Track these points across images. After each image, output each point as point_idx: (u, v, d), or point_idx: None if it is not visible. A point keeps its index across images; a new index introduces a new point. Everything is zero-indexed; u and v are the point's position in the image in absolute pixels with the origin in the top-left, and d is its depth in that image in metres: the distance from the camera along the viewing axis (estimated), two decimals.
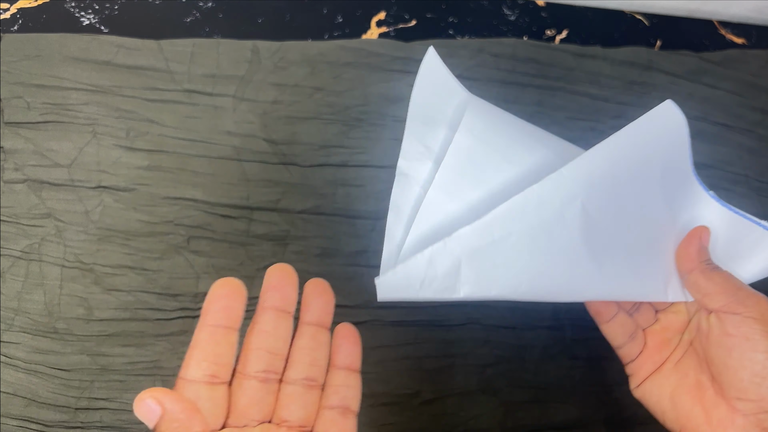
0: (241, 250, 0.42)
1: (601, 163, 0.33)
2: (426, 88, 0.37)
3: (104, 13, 0.46)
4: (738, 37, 0.55)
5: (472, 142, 0.35)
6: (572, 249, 0.33)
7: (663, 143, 0.35)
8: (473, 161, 0.34)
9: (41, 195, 0.41)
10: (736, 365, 0.31)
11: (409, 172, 0.35)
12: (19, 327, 0.39)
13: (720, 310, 0.32)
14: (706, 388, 0.33)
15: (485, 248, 0.31)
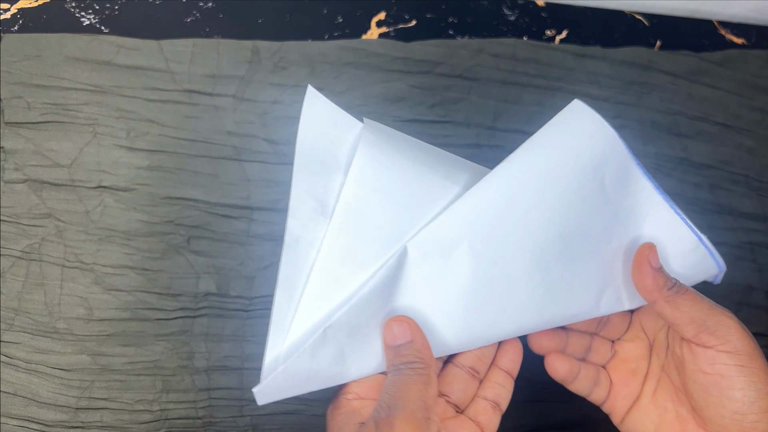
0: (241, 250, 0.42)
1: (496, 190, 0.32)
2: (311, 132, 0.33)
3: (104, 13, 0.46)
4: (738, 37, 0.55)
5: (362, 192, 0.32)
6: (466, 294, 0.31)
7: (580, 145, 0.33)
8: (365, 215, 0.31)
9: (41, 195, 0.41)
10: (715, 402, 0.30)
11: (301, 234, 0.31)
12: (19, 327, 0.39)
13: (691, 341, 0.31)
14: (687, 420, 0.32)
15: (365, 323, 0.30)
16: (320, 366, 0.30)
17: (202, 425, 0.39)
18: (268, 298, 0.41)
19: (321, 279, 0.31)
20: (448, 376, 0.33)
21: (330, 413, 0.31)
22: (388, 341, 0.30)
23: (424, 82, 0.47)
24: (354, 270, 0.31)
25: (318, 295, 0.31)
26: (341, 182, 0.32)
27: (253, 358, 0.40)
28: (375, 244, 0.31)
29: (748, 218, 0.49)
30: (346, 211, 0.31)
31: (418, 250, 0.31)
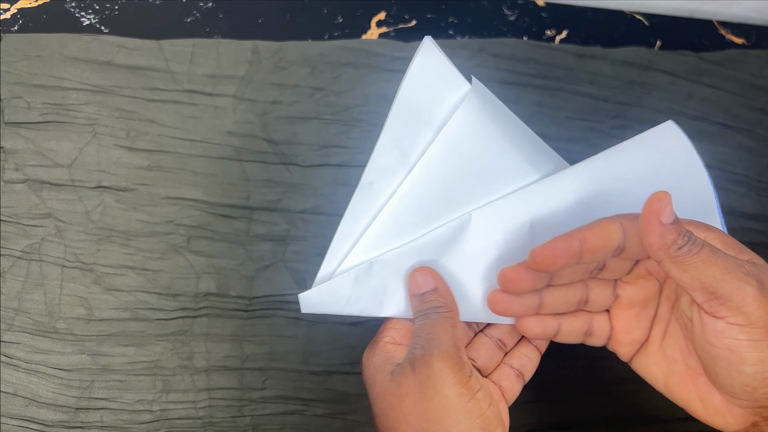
0: (241, 250, 0.42)
1: (570, 185, 0.32)
2: (417, 83, 0.34)
3: (104, 13, 0.46)
4: (738, 37, 0.55)
5: (447, 154, 0.33)
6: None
7: (662, 163, 0.33)
8: (443, 176, 0.33)
9: (41, 195, 0.41)
10: (723, 373, 0.28)
11: (376, 179, 0.33)
12: (19, 327, 0.39)
13: (701, 308, 0.28)
14: (698, 374, 0.30)
15: (410, 269, 0.32)
16: (360, 293, 0.32)
17: (202, 425, 0.39)
18: (268, 298, 0.42)
19: (385, 222, 0.32)
20: (477, 343, 0.34)
21: (366, 356, 0.32)
22: (413, 290, 0.32)
23: None
24: (417, 222, 0.33)
25: (379, 235, 0.32)
26: (430, 139, 0.33)
27: (253, 358, 0.40)
28: (444, 205, 0.33)
29: (748, 218, 0.49)
30: (427, 167, 0.33)
31: (481, 220, 0.32)
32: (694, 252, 0.26)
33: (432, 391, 0.28)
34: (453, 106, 0.34)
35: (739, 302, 0.26)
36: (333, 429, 0.40)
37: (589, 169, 0.33)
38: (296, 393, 0.40)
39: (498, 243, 0.32)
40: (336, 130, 0.45)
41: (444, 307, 0.31)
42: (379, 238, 0.32)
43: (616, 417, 0.42)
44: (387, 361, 0.31)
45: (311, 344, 0.41)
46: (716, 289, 0.26)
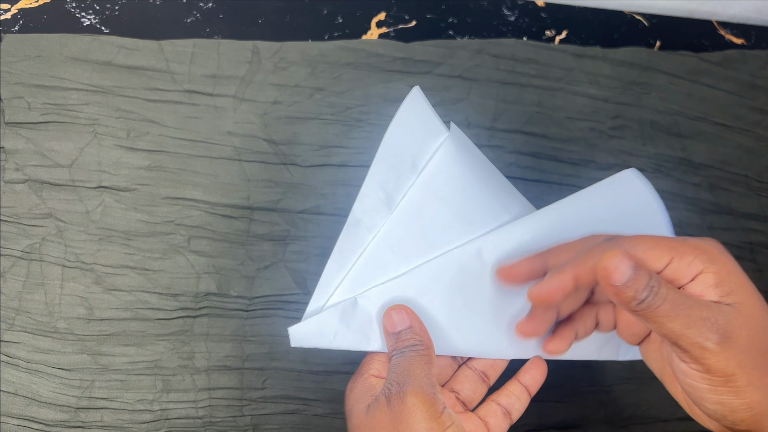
0: (241, 250, 0.42)
1: (533, 226, 0.35)
2: (402, 128, 0.36)
3: (105, 14, 0.46)
4: (737, 38, 0.55)
5: (426, 197, 0.35)
6: (492, 311, 0.34)
7: (626, 210, 0.35)
8: (423, 217, 0.34)
9: (42, 195, 0.41)
10: (697, 401, 0.29)
11: (362, 219, 0.35)
12: (19, 326, 0.39)
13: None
14: None
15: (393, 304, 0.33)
16: (347, 327, 0.33)
17: (203, 425, 0.39)
18: (268, 298, 0.42)
19: (369, 260, 0.34)
20: (460, 376, 0.35)
21: (349, 387, 0.33)
22: (389, 328, 0.32)
23: (423, 83, 0.47)
24: (399, 260, 0.34)
25: (363, 272, 0.34)
26: (412, 182, 0.35)
27: (253, 357, 0.40)
28: (424, 244, 0.34)
29: (747, 218, 0.49)
30: (408, 209, 0.35)
31: (457, 261, 0.34)
32: (654, 306, 0.26)
33: (404, 425, 0.28)
34: (433, 151, 0.36)
35: (698, 355, 0.26)
36: (333, 428, 0.40)
37: (551, 212, 0.35)
38: (296, 392, 0.40)
39: (473, 280, 0.34)
40: (336, 130, 0.45)
41: (420, 345, 0.32)
42: (363, 275, 0.34)
43: (616, 417, 0.42)
44: (366, 394, 0.31)
45: None
46: (676, 341, 0.27)
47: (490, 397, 0.35)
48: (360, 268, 0.34)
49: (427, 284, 0.34)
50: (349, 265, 0.34)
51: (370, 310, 0.33)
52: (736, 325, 0.26)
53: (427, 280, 0.34)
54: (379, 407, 0.30)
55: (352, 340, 0.33)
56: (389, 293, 0.33)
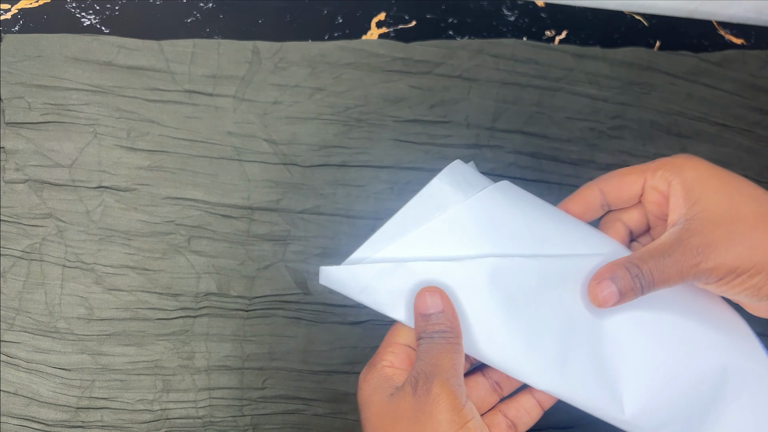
0: (241, 250, 0.42)
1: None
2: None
3: (105, 14, 0.46)
4: (737, 38, 0.55)
5: (503, 200, 0.33)
6: (534, 335, 0.32)
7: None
8: (494, 215, 0.33)
9: (42, 195, 0.41)
10: (749, 307, 0.32)
11: (437, 196, 0.33)
12: (20, 326, 0.39)
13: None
14: None
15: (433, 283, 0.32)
16: (377, 288, 0.32)
17: (203, 425, 0.39)
18: (268, 298, 0.42)
19: (427, 235, 0.33)
20: (472, 381, 0.34)
21: (363, 378, 0.32)
22: (421, 309, 0.31)
23: (424, 83, 0.47)
24: (455, 245, 0.33)
25: (415, 244, 0.33)
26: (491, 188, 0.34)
27: (253, 357, 0.41)
28: (486, 240, 0.32)
29: None
30: (483, 202, 0.33)
31: (515, 270, 0.32)
32: (651, 283, 0.30)
33: (426, 415, 0.28)
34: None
35: (707, 276, 0.29)
36: (333, 428, 0.40)
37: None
38: (296, 392, 0.40)
39: (527, 296, 0.32)
40: (336, 130, 0.45)
41: (450, 332, 0.31)
42: (414, 247, 0.32)
43: None
44: (385, 383, 0.31)
45: (311, 344, 0.41)
46: (686, 282, 0.30)
47: (499, 407, 0.34)
48: (414, 239, 0.33)
49: (474, 279, 0.32)
50: (406, 233, 0.33)
51: (407, 280, 0.32)
52: (708, 232, 0.29)
53: (475, 274, 0.32)
54: (404, 396, 0.29)
55: (378, 300, 0.32)
56: (431, 273, 0.32)
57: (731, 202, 0.30)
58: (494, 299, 0.32)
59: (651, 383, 0.32)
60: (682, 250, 0.29)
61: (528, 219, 0.33)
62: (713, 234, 0.29)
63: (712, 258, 0.29)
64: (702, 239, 0.29)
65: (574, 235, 0.33)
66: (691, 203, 0.30)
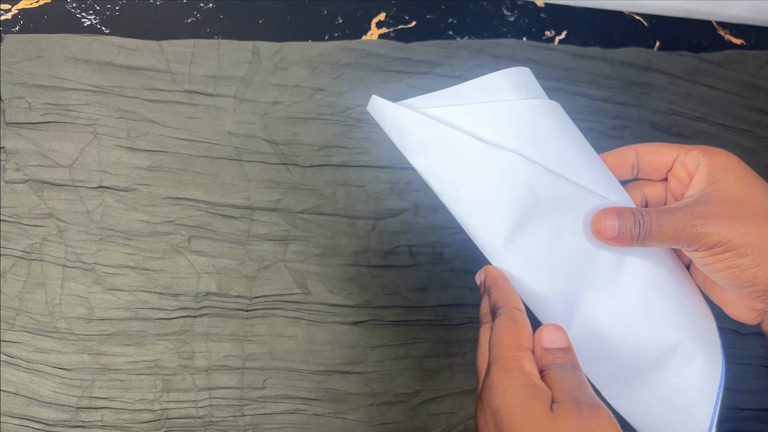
0: (241, 250, 0.42)
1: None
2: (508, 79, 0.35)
3: (105, 14, 0.46)
4: (736, 38, 0.55)
5: (549, 116, 0.34)
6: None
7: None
8: (536, 124, 0.34)
9: (42, 195, 0.41)
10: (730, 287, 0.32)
11: (495, 85, 0.34)
12: (20, 326, 0.39)
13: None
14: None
15: (455, 154, 0.33)
16: (410, 133, 0.33)
17: (203, 424, 0.39)
18: (268, 297, 0.42)
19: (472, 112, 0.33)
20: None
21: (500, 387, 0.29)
22: (544, 342, 0.31)
23: (424, 83, 0.48)
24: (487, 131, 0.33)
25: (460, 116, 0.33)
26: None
27: (253, 357, 0.41)
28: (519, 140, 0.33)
29: None
30: (533, 108, 0.34)
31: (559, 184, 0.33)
32: (648, 233, 0.31)
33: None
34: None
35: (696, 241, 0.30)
36: (333, 428, 0.40)
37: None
38: (296, 392, 0.40)
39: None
40: (336, 130, 0.45)
41: (577, 365, 0.31)
42: (458, 117, 0.33)
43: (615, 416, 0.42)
44: (541, 394, 0.29)
45: (311, 344, 0.41)
46: (677, 243, 0.31)
47: None
48: (460, 111, 0.33)
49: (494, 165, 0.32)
50: (455, 103, 0.34)
51: (437, 139, 0.32)
52: (716, 204, 0.30)
53: (496, 161, 0.32)
54: (571, 413, 0.28)
55: (405, 143, 0.33)
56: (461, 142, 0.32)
57: (747, 189, 0.31)
58: (503, 188, 0.32)
59: (604, 324, 0.33)
60: (685, 210, 0.30)
61: (564, 143, 0.34)
62: (718, 207, 0.30)
63: (709, 224, 0.30)
64: (706, 208, 0.30)
65: (598, 176, 0.34)
66: (710, 182, 0.32)
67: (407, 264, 0.44)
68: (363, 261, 0.43)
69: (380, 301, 0.43)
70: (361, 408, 0.41)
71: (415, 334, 0.43)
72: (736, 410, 0.45)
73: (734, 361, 0.34)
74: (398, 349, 0.42)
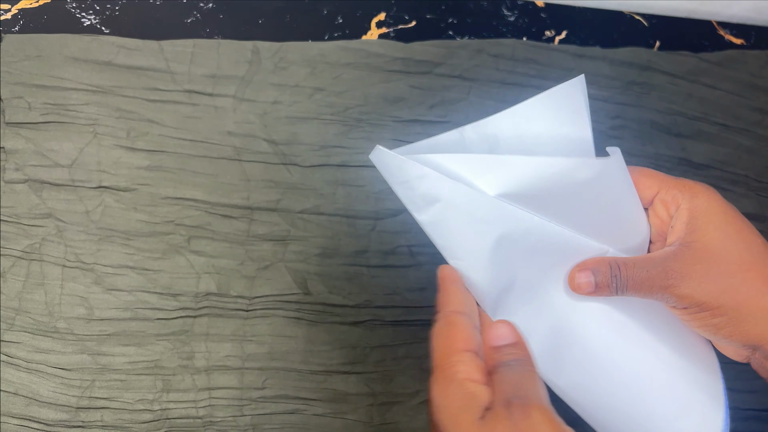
0: (241, 250, 0.42)
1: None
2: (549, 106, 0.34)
3: (105, 14, 0.46)
4: (737, 38, 0.55)
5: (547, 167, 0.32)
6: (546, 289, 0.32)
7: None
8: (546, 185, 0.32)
9: (42, 195, 0.41)
10: (713, 341, 0.33)
11: (470, 136, 0.33)
12: (20, 326, 0.39)
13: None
14: None
15: (460, 210, 0.31)
16: (416, 187, 0.32)
17: (203, 425, 0.39)
18: (268, 298, 0.42)
19: (482, 163, 0.32)
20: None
21: (440, 393, 0.29)
22: (491, 341, 0.31)
23: (423, 83, 0.48)
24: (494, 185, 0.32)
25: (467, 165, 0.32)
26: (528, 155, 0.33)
27: (253, 357, 0.41)
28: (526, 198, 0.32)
29: (747, 218, 0.49)
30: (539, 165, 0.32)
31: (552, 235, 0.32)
32: (624, 287, 0.31)
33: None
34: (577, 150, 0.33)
35: (673, 300, 0.30)
36: (333, 428, 0.40)
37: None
38: (296, 392, 0.40)
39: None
40: (336, 130, 0.45)
41: (527, 360, 0.30)
42: (466, 167, 0.32)
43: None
44: (472, 402, 0.29)
45: (311, 344, 0.41)
46: (657, 299, 0.31)
47: None
48: (468, 160, 0.32)
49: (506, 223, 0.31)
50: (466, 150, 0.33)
51: (443, 193, 0.31)
52: (692, 263, 0.30)
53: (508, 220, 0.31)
54: (499, 418, 0.27)
55: (409, 197, 0.32)
56: (468, 199, 0.31)
57: (725, 242, 0.30)
58: (502, 245, 0.32)
59: (595, 373, 0.33)
60: (661, 269, 0.30)
61: (569, 201, 0.32)
62: (693, 266, 0.30)
63: (683, 286, 0.30)
64: (681, 266, 0.30)
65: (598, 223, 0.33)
66: (690, 230, 0.31)
67: (407, 264, 0.44)
68: (363, 261, 0.43)
69: (380, 301, 0.43)
70: (361, 408, 0.41)
71: (415, 334, 0.43)
72: (737, 410, 0.45)
73: (734, 361, 0.33)
74: (398, 349, 0.42)
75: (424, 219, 0.32)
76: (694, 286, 0.30)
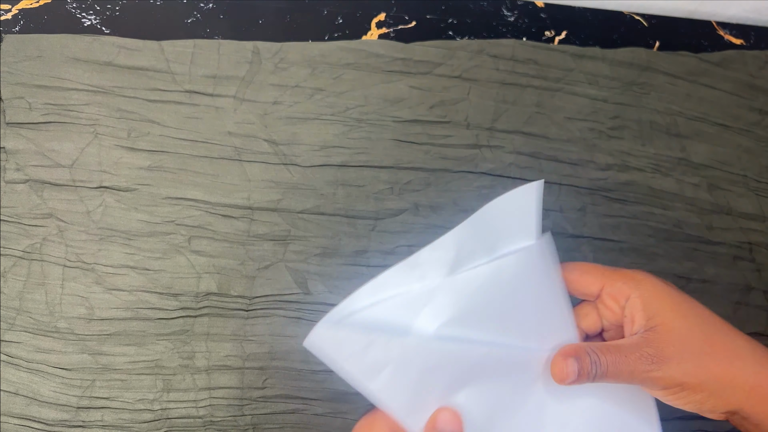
0: (241, 250, 0.42)
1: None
2: (504, 210, 0.34)
3: (105, 14, 0.46)
4: (736, 38, 0.56)
5: (489, 283, 0.33)
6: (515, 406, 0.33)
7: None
8: (474, 299, 0.33)
9: (43, 195, 0.41)
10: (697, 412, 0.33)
11: (422, 265, 0.33)
12: (20, 326, 0.39)
13: None
14: None
15: (415, 368, 0.32)
16: (364, 358, 0.31)
17: (203, 424, 0.39)
18: (268, 297, 0.42)
19: (404, 303, 0.32)
20: None
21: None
22: (438, 426, 0.32)
23: (423, 83, 0.48)
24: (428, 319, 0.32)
25: (394, 312, 0.32)
26: (481, 263, 0.33)
27: (254, 357, 0.41)
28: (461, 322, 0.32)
29: (746, 218, 0.49)
30: (469, 282, 0.33)
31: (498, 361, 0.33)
32: (604, 373, 0.32)
33: None
34: (515, 249, 0.34)
35: (652, 384, 0.32)
36: (333, 428, 0.40)
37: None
38: (296, 392, 0.40)
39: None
40: (336, 130, 0.46)
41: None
42: (392, 313, 0.32)
43: None
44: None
45: None
46: (636, 384, 0.32)
47: None
48: (393, 306, 0.32)
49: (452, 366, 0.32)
50: (383, 299, 0.32)
51: (392, 356, 0.31)
52: (663, 346, 0.31)
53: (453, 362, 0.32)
54: None
55: (359, 369, 0.31)
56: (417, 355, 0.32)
57: (685, 322, 0.32)
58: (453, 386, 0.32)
59: None
60: (638, 355, 0.31)
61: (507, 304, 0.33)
62: (667, 349, 0.31)
63: (662, 370, 0.31)
64: (656, 351, 0.31)
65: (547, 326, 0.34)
66: (648, 317, 0.32)
67: None
68: (363, 261, 0.43)
69: None
70: (361, 408, 0.41)
71: None
72: None
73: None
74: None
75: (376, 386, 0.32)
76: (673, 368, 0.31)
